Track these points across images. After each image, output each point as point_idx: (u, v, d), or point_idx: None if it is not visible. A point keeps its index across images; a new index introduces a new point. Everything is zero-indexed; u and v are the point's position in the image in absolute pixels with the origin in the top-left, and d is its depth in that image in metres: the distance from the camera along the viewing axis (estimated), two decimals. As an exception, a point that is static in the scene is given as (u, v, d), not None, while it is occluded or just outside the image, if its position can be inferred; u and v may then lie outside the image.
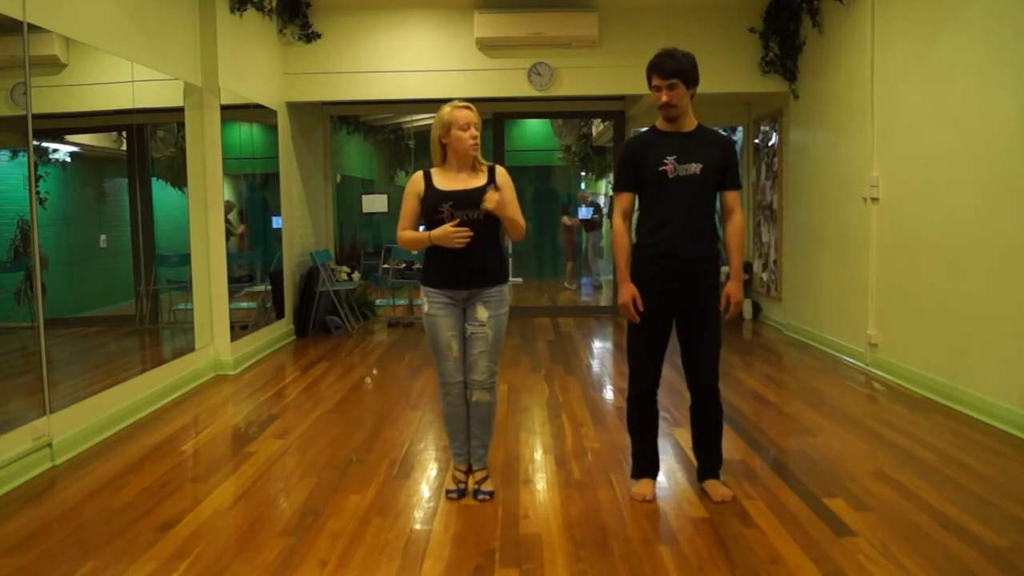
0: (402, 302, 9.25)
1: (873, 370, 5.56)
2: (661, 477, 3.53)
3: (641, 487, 3.28)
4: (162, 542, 2.87)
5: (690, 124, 3.17)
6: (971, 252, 4.47)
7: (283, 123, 7.26)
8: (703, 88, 3.21)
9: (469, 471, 3.35)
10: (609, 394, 5.18)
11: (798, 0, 6.70)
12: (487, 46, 7.26)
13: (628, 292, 3.14)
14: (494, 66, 7.32)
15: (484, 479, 3.32)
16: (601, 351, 6.81)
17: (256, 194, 7.30)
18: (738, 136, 8.69)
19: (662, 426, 4.33)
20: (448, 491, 3.32)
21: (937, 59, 4.79)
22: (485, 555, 2.75)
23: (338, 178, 9.75)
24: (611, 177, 11.58)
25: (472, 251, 3.11)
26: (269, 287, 7.19)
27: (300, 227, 7.81)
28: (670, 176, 3.10)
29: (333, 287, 7.69)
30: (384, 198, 12.14)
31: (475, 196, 3.12)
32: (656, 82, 3.09)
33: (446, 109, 3.15)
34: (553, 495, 3.31)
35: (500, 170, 3.23)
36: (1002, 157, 4.19)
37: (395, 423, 4.47)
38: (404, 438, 4.17)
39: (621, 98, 8.26)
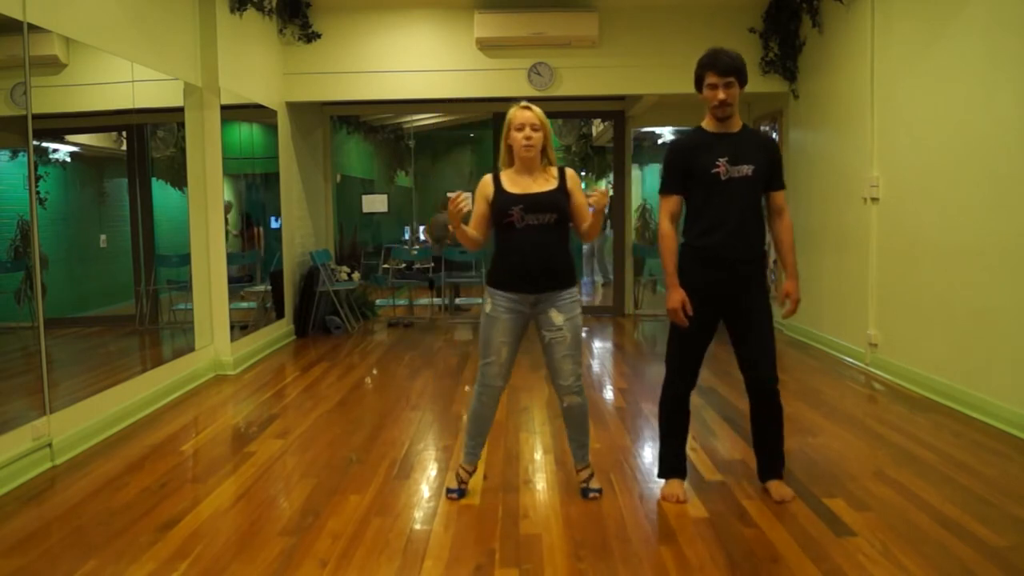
0: (402, 302, 9.25)
1: (873, 370, 5.56)
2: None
3: (672, 488, 3.24)
4: (162, 542, 2.87)
5: (737, 124, 3.13)
6: (971, 252, 4.47)
7: (283, 123, 7.26)
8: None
9: (473, 472, 3.34)
10: (609, 394, 5.18)
11: (798, 0, 6.70)
12: (487, 46, 7.26)
13: (678, 297, 3.10)
14: (494, 66, 7.32)
15: (590, 477, 3.29)
16: (601, 351, 6.80)
17: (256, 194, 7.30)
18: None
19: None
20: (449, 490, 3.31)
21: (937, 59, 4.79)
22: (485, 555, 2.75)
23: (338, 178, 9.76)
24: (611, 177, 11.58)
25: (543, 254, 3.09)
26: (269, 287, 7.19)
27: (300, 227, 7.81)
28: (723, 178, 3.07)
29: (333, 287, 7.69)
30: (384, 198, 12.14)
31: (545, 200, 3.08)
32: (712, 80, 3.03)
33: (510, 109, 3.14)
34: (553, 495, 3.31)
35: (570, 173, 3.19)
36: (1002, 157, 4.19)
37: (395, 423, 4.47)
38: (404, 438, 4.17)
39: (621, 98, 8.26)
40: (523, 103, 3.14)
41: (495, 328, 3.15)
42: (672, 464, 3.29)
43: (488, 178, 3.19)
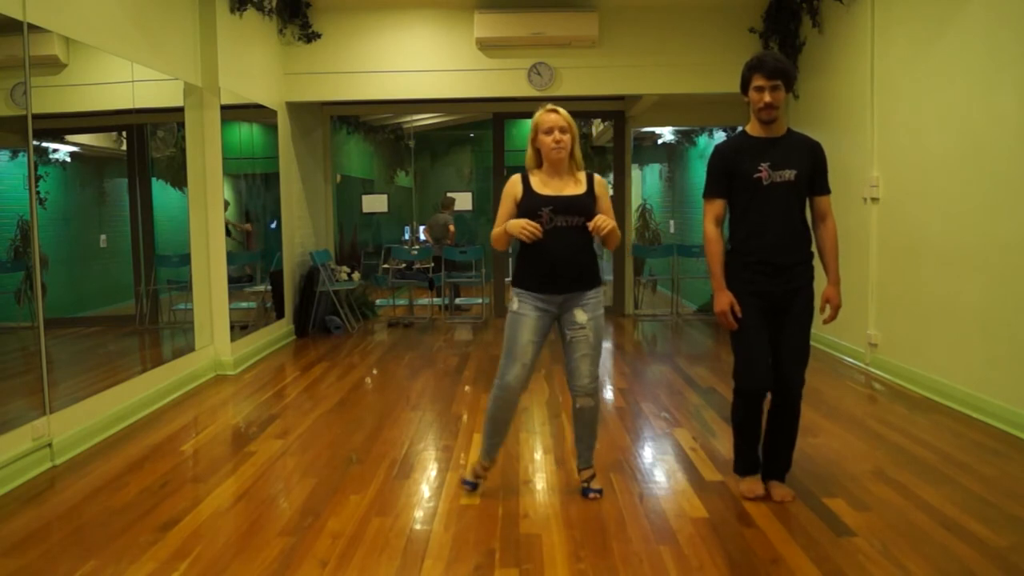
0: (402, 302, 9.26)
1: (873, 370, 5.56)
2: (661, 477, 3.54)
3: (752, 484, 3.23)
4: (162, 542, 2.87)
5: (781, 129, 3.13)
6: (971, 252, 4.47)
7: (283, 123, 7.26)
8: (703, 88, 3.21)
9: (490, 468, 3.34)
10: (609, 394, 5.17)
11: (798, 0, 6.70)
12: (487, 46, 7.26)
13: (726, 300, 3.10)
14: (494, 66, 7.32)
15: (591, 477, 3.30)
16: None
17: (256, 194, 7.29)
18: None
19: (662, 426, 4.35)
20: (465, 481, 3.32)
21: (937, 59, 4.79)
22: (485, 555, 2.75)
23: (338, 178, 9.75)
24: (611, 177, 11.59)
25: (570, 255, 3.10)
26: (269, 287, 7.19)
27: (300, 227, 7.81)
28: (765, 183, 3.07)
29: (333, 287, 7.69)
30: (384, 198, 12.13)
31: (575, 202, 3.10)
32: (759, 82, 3.03)
33: (536, 113, 3.15)
34: (553, 495, 3.31)
35: (598, 179, 3.20)
36: (1002, 157, 4.20)
37: (395, 423, 4.47)
38: (404, 438, 4.17)
39: (621, 98, 8.26)
40: (549, 106, 3.15)
41: (522, 326, 3.13)
42: (752, 460, 3.27)
43: (517, 178, 3.20)
